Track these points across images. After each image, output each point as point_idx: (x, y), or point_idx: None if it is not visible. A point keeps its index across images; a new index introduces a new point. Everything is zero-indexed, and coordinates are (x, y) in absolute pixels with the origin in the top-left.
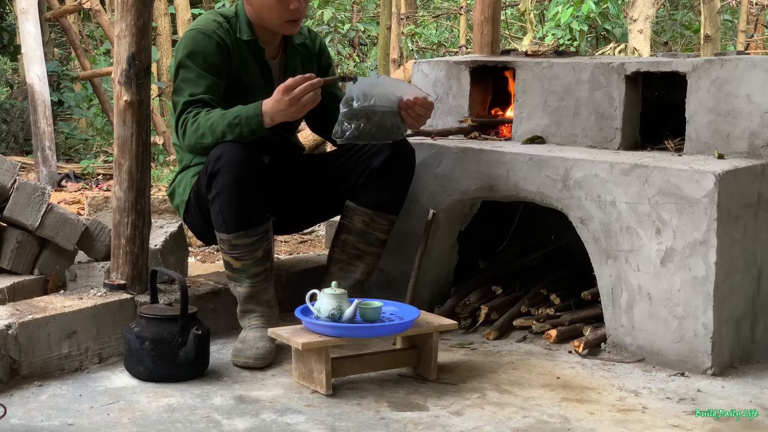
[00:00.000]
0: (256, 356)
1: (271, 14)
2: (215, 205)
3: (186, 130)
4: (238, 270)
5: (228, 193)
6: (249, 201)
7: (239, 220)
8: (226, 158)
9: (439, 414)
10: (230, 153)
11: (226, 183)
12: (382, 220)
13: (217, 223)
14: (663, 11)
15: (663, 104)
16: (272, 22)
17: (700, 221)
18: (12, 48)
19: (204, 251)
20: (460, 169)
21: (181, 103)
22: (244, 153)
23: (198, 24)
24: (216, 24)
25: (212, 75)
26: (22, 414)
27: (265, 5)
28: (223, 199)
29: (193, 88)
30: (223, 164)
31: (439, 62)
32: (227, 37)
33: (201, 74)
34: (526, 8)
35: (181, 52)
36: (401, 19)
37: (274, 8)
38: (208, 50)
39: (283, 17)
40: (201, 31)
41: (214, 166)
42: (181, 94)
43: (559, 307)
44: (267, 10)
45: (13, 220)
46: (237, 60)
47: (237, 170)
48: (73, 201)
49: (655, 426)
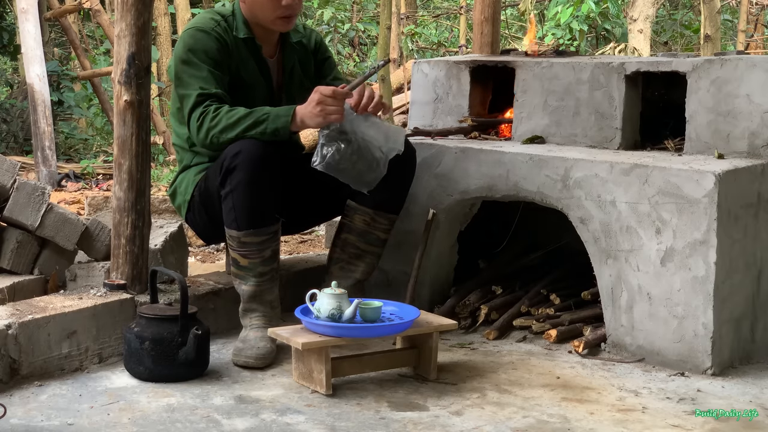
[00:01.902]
0: (256, 356)
1: (264, 11)
2: (228, 201)
3: (203, 123)
4: (244, 268)
5: (243, 191)
6: (263, 200)
7: (251, 218)
8: (243, 155)
9: (439, 414)
10: (248, 150)
11: (241, 180)
12: (383, 220)
13: (228, 219)
14: (663, 11)
15: (663, 104)
16: (266, 19)
17: (700, 221)
18: (12, 48)
19: (204, 251)
20: (460, 169)
21: (194, 96)
22: (262, 151)
23: (196, 23)
24: (214, 22)
25: (217, 70)
26: (22, 414)
27: (257, 2)
28: (237, 196)
29: (203, 82)
30: (240, 161)
31: (439, 62)
32: (225, 34)
33: (207, 69)
34: (526, 8)
35: (181, 50)
36: (401, 18)
37: (266, 5)
38: (209, 46)
39: (276, 13)
40: (199, 29)
41: (231, 162)
42: (190, 88)
43: (559, 307)
44: (259, 6)
45: (13, 220)
46: (236, 57)
47: (254, 168)
48: (73, 201)
49: (655, 426)
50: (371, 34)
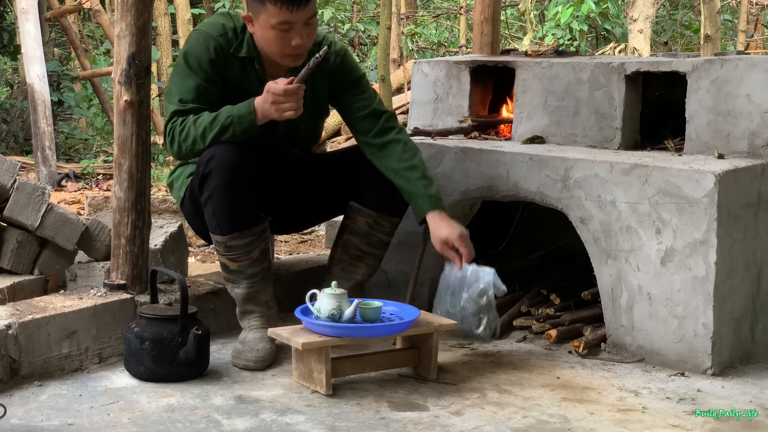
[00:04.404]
0: (256, 359)
1: (271, 47)
2: (209, 207)
3: (174, 138)
4: (234, 271)
5: (220, 195)
6: (242, 202)
7: (233, 221)
8: (216, 160)
9: (439, 414)
10: (221, 155)
11: (217, 185)
12: (386, 222)
13: (211, 225)
14: (663, 11)
15: (663, 104)
16: (273, 54)
17: (700, 221)
18: (12, 48)
19: (204, 251)
20: (460, 169)
21: (170, 112)
22: (235, 154)
23: (204, 24)
24: (222, 28)
25: (203, 80)
26: (22, 414)
27: (266, 38)
28: (216, 201)
29: (184, 93)
30: (213, 166)
31: (439, 62)
32: (227, 45)
33: (194, 79)
34: (526, 8)
35: (182, 50)
36: (401, 19)
37: (273, 43)
38: (202, 55)
39: (284, 51)
40: (203, 33)
41: (205, 168)
42: (171, 100)
43: (559, 307)
44: (267, 43)
45: (13, 220)
46: (237, 68)
47: (228, 171)
48: (73, 201)
49: (655, 426)
50: (371, 34)
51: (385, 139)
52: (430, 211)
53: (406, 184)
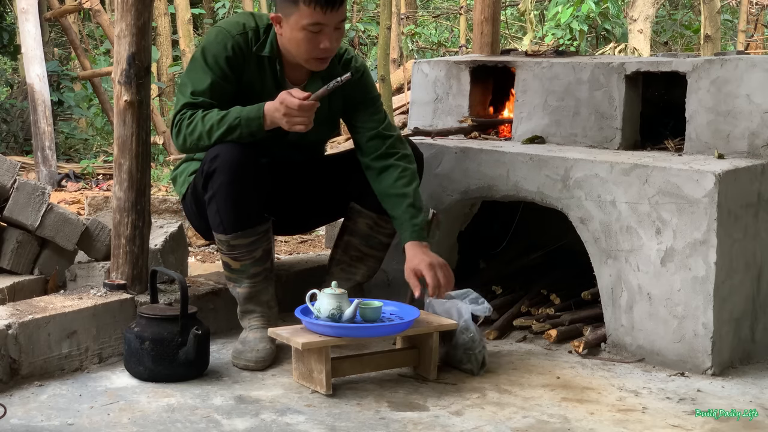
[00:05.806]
0: (256, 359)
1: (299, 49)
2: (212, 205)
3: (180, 130)
4: (236, 270)
5: (224, 193)
6: (246, 201)
7: (237, 220)
8: (221, 159)
9: (439, 414)
10: (226, 153)
11: (222, 183)
12: (386, 225)
13: (214, 223)
14: (663, 11)
15: (663, 104)
16: (299, 57)
17: (700, 221)
18: (12, 48)
19: (204, 251)
20: (460, 169)
21: (180, 104)
22: (240, 153)
23: (225, 22)
24: (241, 27)
25: (218, 76)
26: (22, 414)
27: (294, 39)
28: (220, 200)
29: (197, 86)
30: (218, 165)
31: (439, 62)
32: (246, 45)
33: (210, 75)
34: (526, 8)
35: (201, 44)
36: (401, 19)
37: (302, 44)
38: (220, 52)
39: (312, 54)
40: (223, 30)
41: (210, 167)
42: (183, 92)
43: (559, 307)
44: (295, 44)
45: (13, 220)
46: (254, 67)
47: (233, 170)
48: (73, 201)
49: (655, 426)
50: (371, 34)
51: (385, 163)
52: (409, 240)
53: (393, 209)
